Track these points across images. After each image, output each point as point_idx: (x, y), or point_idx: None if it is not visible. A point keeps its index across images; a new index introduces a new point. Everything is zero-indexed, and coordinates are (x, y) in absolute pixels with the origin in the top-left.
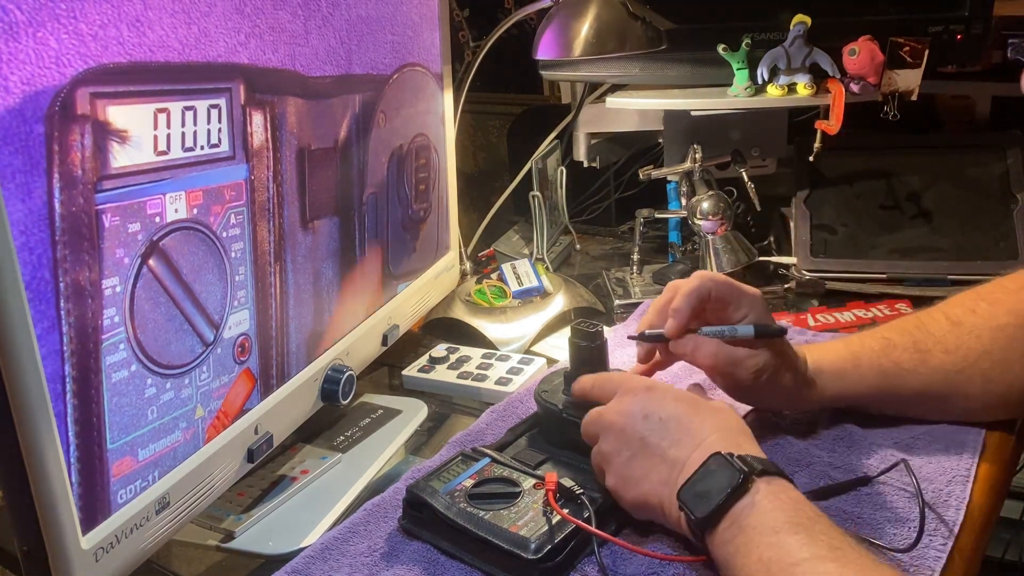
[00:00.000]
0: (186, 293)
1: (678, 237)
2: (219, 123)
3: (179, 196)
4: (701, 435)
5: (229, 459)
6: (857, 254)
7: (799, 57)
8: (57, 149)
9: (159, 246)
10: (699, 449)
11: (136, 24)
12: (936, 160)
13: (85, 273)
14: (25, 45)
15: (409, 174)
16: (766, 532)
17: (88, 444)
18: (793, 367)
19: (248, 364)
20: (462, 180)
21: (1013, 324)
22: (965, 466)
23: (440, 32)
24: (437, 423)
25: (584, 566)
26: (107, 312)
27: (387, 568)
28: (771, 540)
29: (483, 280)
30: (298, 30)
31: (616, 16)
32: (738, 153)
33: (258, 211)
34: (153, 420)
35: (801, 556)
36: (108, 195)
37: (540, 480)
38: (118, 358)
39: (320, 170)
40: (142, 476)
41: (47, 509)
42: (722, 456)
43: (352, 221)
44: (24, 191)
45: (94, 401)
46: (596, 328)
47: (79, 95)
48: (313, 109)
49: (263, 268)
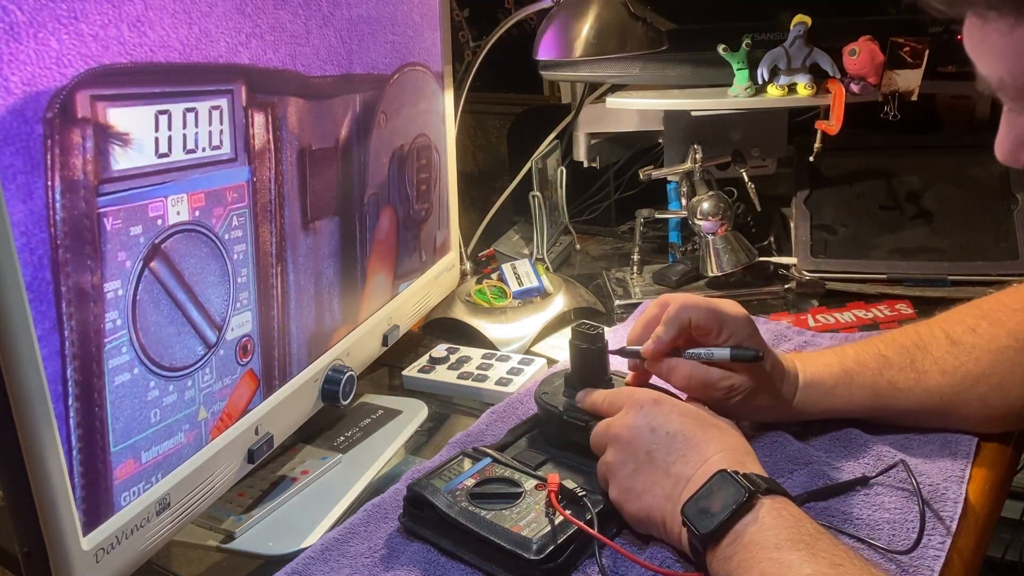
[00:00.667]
0: (188, 295)
1: (678, 237)
2: (220, 125)
3: (181, 198)
4: (707, 452)
5: (229, 460)
6: (857, 254)
7: (799, 57)
8: (58, 152)
9: (161, 249)
10: (704, 466)
11: (137, 24)
12: (936, 160)
13: (87, 276)
14: (26, 46)
15: (410, 174)
16: (768, 548)
17: (91, 447)
18: (772, 387)
19: (251, 365)
20: (462, 180)
21: (1013, 347)
22: (960, 466)
23: (440, 32)
24: (437, 423)
25: (586, 567)
26: (109, 315)
27: (387, 569)
28: (773, 556)
29: (483, 280)
30: (299, 30)
31: (617, 16)
32: (738, 153)
33: (260, 213)
34: (156, 423)
35: (803, 572)
36: (110, 198)
37: (542, 481)
38: (121, 361)
39: (321, 170)
40: (145, 479)
41: (48, 510)
42: (727, 473)
43: (353, 221)
44: (25, 192)
45: (96, 404)
46: (597, 330)
47: (79, 98)
48: (314, 109)
49: (265, 269)
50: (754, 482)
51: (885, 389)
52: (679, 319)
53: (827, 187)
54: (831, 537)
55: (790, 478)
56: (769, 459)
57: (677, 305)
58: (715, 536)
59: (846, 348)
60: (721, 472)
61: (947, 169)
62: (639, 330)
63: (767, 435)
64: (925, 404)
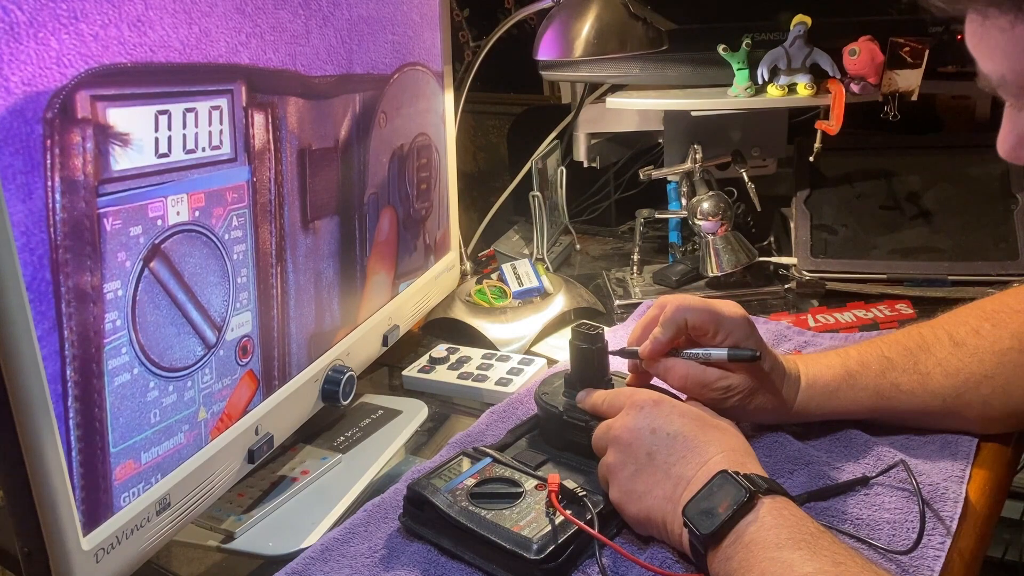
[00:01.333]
0: (188, 296)
1: (678, 237)
2: (220, 125)
3: (181, 199)
4: (707, 453)
5: (229, 460)
6: (857, 254)
7: (799, 57)
8: (58, 152)
9: (161, 249)
10: (705, 467)
11: (137, 24)
12: (936, 160)
13: (87, 277)
14: (26, 46)
15: (410, 174)
16: (769, 548)
17: (91, 447)
18: (772, 388)
19: (251, 366)
20: (462, 180)
21: (1016, 349)
22: (960, 466)
23: (440, 32)
24: (437, 424)
25: (586, 567)
26: (109, 316)
27: (387, 569)
28: (773, 555)
29: (483, 280)
30: (299, 30)
31: (617, 16)
32: (738, 153)
33: (260, 213)
34: (156, 423)
35: (804, 571)
36: (109, 198)
37: (542, 481)
38: (120, 361)
39: (321, 170)
40: (145, 479)
41: (48, 510)
42: (728, 474)
43: (353, 221)
44: (25, 192)
45: (96, 404)
46: (597, 331)
47: (79, 98)
48: (314, 109)
49: (265, 270)
50: (755, 482)
51: (888, 390)
52: (676, 320)
53: (827, 187)
54: (832, 536)
55: (790, 478)
56: (769, 459)
57: (674, 306)
58: (716, 536)
59: (848, 349)
60: (722, 473)
61: (947, 169)
62: (638, 331)
63: (767, 435)
64: (928, 405)
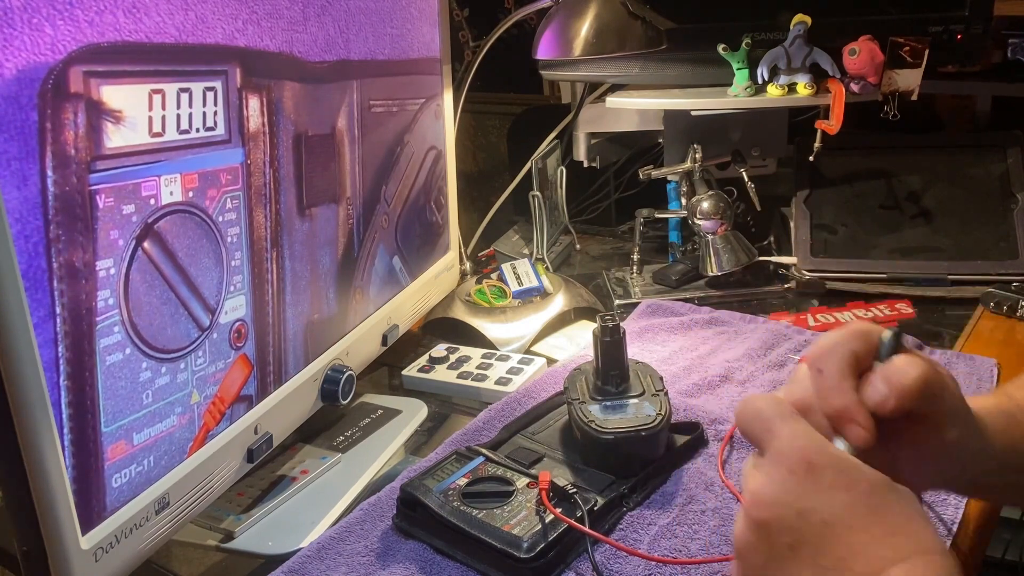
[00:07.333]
0: (181, 277)
1: (678, 237)
2: (215, 106)
3: (174, 179)
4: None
5: (229, 459)
6: (857, 254)
7: (799, 57)
8: (50, 128)
9: (154, 229)
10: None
11: (132, 11)
12: (936, 160)
13: (79, 254)
14: (20, 31)
15: (409, 172)
16: None
17: (82, 427)
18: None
19: (245, 350)
20: (462, 180)
21: None
22: None
23: (440, 31)
24: (437, 423)
25: (578, 564)
26: (101, 294)
27: (383, 567)
28: None
29: (483, 280)
30: (296, 17)
31: (616, 16)
32: (738, 153)
33: (255, 196)
34: (148, 404)
35: None
36: (102, 175)
37: (533, 479)
38: (112, 341)
39: (318, 156)
40: (137, 461)
41: (46, 509)
42: None
43: (350, 215)
44: (20, 178)
45: (88, 384)
46: (614, 322)
47: (72, 74)
48: (310, 95)
49: (260, 253)
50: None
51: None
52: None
53: (827, 187)
54: None
55: None
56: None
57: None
58: None
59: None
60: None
61: (947, 169)
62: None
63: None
64: None
